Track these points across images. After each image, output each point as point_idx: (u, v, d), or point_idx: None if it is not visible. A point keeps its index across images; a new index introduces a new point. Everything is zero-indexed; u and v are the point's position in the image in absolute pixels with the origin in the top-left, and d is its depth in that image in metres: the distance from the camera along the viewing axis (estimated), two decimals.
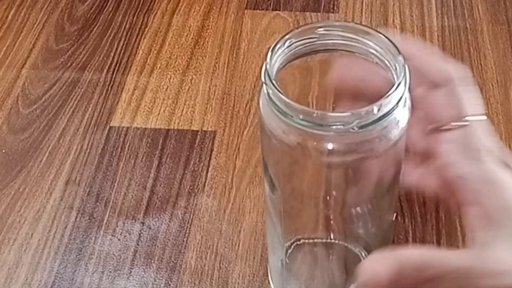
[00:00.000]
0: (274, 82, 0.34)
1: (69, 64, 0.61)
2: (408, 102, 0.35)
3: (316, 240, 0.43)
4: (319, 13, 0.65)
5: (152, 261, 0.47)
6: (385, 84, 0.35)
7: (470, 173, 0.35)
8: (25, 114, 0.57)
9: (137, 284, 0.46)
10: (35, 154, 0.54)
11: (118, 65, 0.61)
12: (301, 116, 0.33)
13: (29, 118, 0.57)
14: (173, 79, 0.60)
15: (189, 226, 0.49)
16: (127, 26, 0.64)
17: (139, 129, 0.56)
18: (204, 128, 0.56)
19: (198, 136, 0.55)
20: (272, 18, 0.64)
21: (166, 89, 0.59)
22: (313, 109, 0.34)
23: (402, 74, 0.34)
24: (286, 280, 0.44)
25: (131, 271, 0.47)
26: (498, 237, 0.33)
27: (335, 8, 0.65)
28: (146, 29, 0.64)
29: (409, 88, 0.34)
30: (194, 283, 0.46)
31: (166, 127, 0.56)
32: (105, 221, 0.50)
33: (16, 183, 0.52)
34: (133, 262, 0.47)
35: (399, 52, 0.35)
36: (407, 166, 0.38)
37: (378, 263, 0.32)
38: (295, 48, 0.36)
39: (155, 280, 0.46)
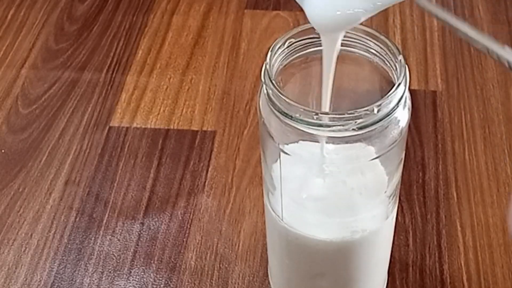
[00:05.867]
0: (274, 82, 0.34)
1: (68, 64, 0.61)
2: (408, 102, 0.35)
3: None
4: None
5: (152, 262, 0.47)
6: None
7: None
8: (24, 114, 0.57)
9: (136, 284, 0.46)
10: (34, 154, 0.54)
11: (117, 65, 0.61)
12: (301, 116, 0.33)
13: (28, 118, 0.57)
14: (173, 79, 0.60)
15: (189, 226, 0.49)
16: (127, 26, 0.64)
17: (138, 129, 0.56)
18: (204, 128, 0.56)
19: (198, 136, 0.55)
20: (272, 18, 0.64)
21: (166, 89, 0.59)
22: (313, 109, 0.34)
23: (402, 74, 0.34)
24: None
25: (130, 272, 0.47)
26: None
27: None
28: (146, 29, 0.64)
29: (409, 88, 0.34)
30: (194, 284, 0.46)
31: (166, 127, 0.56)
32: (104, 221, 0.50)
33: (16, 183, 0.52)
34: (132, 262, 0.47)
35: (399, 52, 0.35)
36: None
37: None
38: (295, 48, 0.36)
39: (154, 281, 0.46)
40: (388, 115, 0.33)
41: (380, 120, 0.33)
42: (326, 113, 0.33)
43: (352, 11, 0.32)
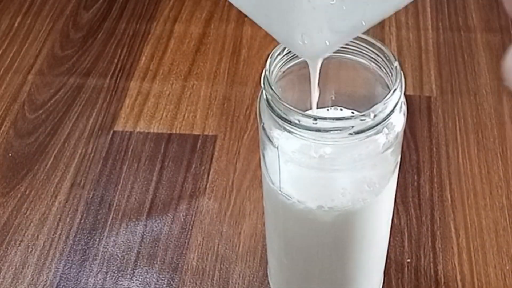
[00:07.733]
0: (273, 87, 0.34)
1: (74, 70, 0.62)
2: (404, 108, 0.36)
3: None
4: None
5: (155, 262, 0.48)
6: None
7: None
8: (31, 119, 0.58)
9: (140, 284, 0.47)
10: (40, 158, 0.55)
11: (121, 71, 0.62)
12: (299, 121, 0.34)
13: (35, 123, 0.58)
14: (175, 84, 0.61)
15: (190, 228, 0.50)
16: (130, 33, 0.65)
17: (142, 133, 0.57)
18: (205, 133, 0.56)
19: (200, 140, 0.56)
20: None
21: (168, 95, 0.60)
22: (311, 114, 0.34)
23: (398, 80, 0.34)
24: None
25: (134, 272, 0.48)
26: None
27: None
28: (149, 36, 0.65)
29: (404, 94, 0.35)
30: (196, 283, 0.47)
31: (168, 132, 0.57)
32: (109, 223, 0.51)
33: (23, 186, 0.53)
34: (136, 263, 0.48)
35: (395, 59, 0.35)
36: None
37: None
38: (293, 54, 0.37)
39: (157, 281, 0.47)
40: (385, 120, 0.34)
41: (377, 124, 0.34)
42: (324, 118, 0.34)
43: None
